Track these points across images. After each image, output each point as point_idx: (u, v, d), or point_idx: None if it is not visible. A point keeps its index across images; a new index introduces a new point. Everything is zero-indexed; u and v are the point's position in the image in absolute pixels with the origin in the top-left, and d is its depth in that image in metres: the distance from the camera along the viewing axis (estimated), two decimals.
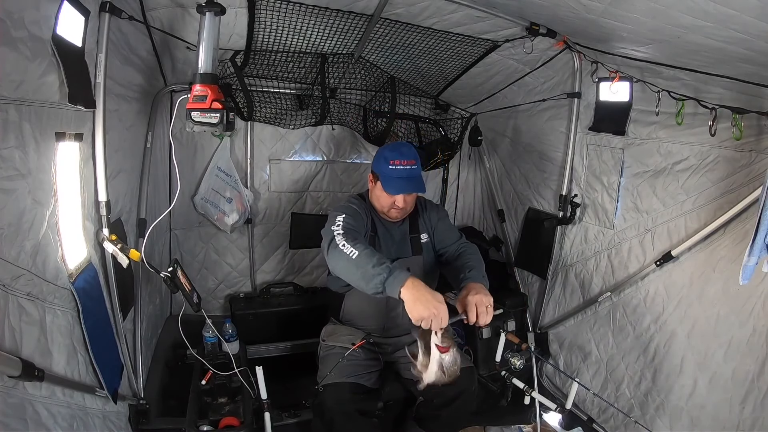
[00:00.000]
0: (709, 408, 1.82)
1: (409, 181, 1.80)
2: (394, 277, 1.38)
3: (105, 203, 1.56)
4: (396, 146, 1.86)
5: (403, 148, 1.84)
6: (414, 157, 1.82)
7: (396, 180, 1.78)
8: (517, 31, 2.01)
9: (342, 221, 1.69)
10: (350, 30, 2.02)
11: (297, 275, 3.00)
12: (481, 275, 1.72)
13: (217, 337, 2.23)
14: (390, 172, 1.78)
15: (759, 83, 1.58)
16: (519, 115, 2.68)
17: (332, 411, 1.70)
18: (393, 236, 1.93)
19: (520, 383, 2.08)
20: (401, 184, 1.78)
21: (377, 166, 1.85)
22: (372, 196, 1.91)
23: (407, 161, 1.79)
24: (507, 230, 2.96)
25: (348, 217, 1.74)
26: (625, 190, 2.16)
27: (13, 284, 1.08)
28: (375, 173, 1.86)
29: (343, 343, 1.89)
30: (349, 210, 1.81)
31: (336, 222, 1.69)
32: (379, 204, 1.87)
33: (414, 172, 1.81)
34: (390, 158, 1.78)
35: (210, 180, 2.61)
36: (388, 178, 1.78)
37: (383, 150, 1.87)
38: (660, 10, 1.28)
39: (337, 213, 1.75)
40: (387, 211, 1.86)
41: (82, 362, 1.39)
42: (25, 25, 1.08)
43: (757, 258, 1.42)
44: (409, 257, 1.93)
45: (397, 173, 1.78)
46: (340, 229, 1.64)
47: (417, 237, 1.96)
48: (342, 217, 1.71)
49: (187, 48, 1.96)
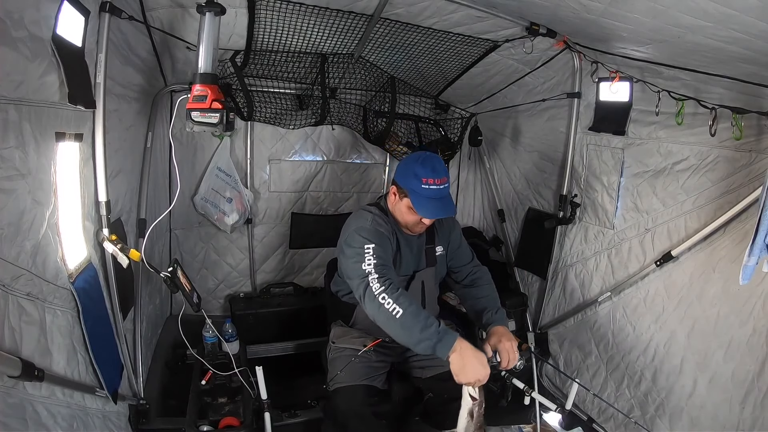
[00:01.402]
0: (709, 408, 1.82)
1: (443, 203, 1.67)
2: (443, 343, 1.44)
3: (105, 203, 1.56)
4: (428, 161, 1.68)
5: (436, 164, 1.68)
6: (445, 173, 1.68)
7: (429, 201, 1.64)
8: (517, 31, 2.01)
9: (373, 258, 1.57)
10: (350, 30, 2.02)
11: (297, 275, 3.00)
12: (503, 315, 1.78)
13: (217, 337, 2.23)
14: (422, 191, 1.64)
15: (759, 83, 1.58)
16: (519, 115, 2.68)
17: (346, 414, 1.69)
18: (411, 249, 1.85)
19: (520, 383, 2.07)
20: (436, 206, 1.66)
21: (405, 181, 1.68)
22: (394, 210, 1.78)
23: (440, 179, 1.64)
24: (507, 230, 2.96)
25: (377, 248, 1.61)
26: (625, 190, 2.16)
27: (13, 284, 1.08)
28: (402, 189, 1.70)
29: (354, 345, 1.86)
30: (376, 236, 1.66)
31: (366, 259, 1.57)
32: (404, 220, 1.75)
33: (446, 191, 1.68)
34: (422, 175, 1.63)
35: (210, 180, 2.61)
36: (421, 199, 1.64)
37: (412, 164, 1.68)
38: (660, 10, 1.28)
39: (365, 241, 1.62)
40: (411, 228, 1.76)
41: (82, 362, 1.39)
42: (25, 25, 1.08)
43: (757, 258, 1.41)
44: (425, 269, 1.88)
45: (430, 193, 1.64)
46: (374, 271, 1.54)
47: (432, 248, 1.89)
48: (372, 250, 1.59)
49: (187, 48, 1.96)
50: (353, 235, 1.67)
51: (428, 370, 1.88)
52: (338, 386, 1.74)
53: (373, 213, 1.77)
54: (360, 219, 1.75)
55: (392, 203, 1.78)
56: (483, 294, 1.87)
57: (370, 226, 1.70)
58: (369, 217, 1.74)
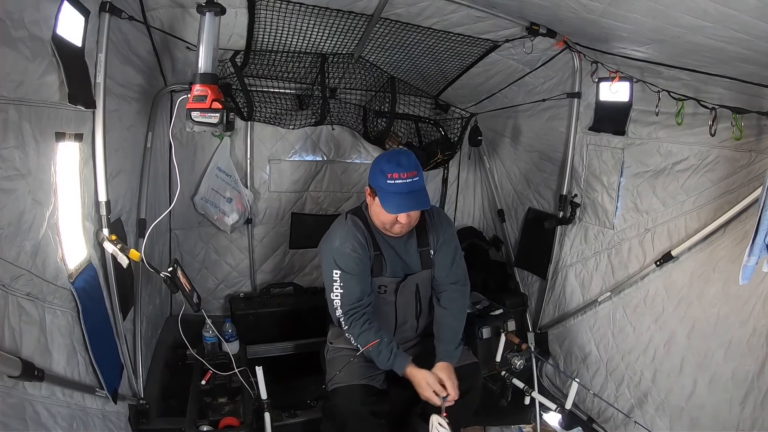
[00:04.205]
0: (709, 408, 1.82)
1: (411, 197, 1.62)
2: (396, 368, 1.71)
3: (105, 203, 1.56)
4: (393, 156, 1.67)
5: (402, 158, 1.65)
6: (415, 167, 1.65)
7: (395, 196, 1.61)
8: (517, 31, 2.01)
9: (340, 288, 1.69)
10: (350, 30, 2.02)
11: (297, 275, 3.00)
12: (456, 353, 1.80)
13: (217, 337, 2.23)
14: (388, 186, 1.61)
15: (759, 83, 1.58)
16: (519, 115, 2.68)
17: (345, 414, 1.69)
18: (398, 252, 1.81)
19: (520, 383, 2.08)
20: (402, 200, 1.62)
21: (374, 179, 1.67)
22: (371, 211, 1.76)
23: (407, 173, 1.61)
24: (507, 230, 2.96)
25: (344, 275, 1.69)
26: (625, 190, 2.16)
27: (12, 284, 1.08)
28: (372, 188, 1.69)
29: (352, 345, 1.84)
30: (343, 259, 1.70)
31: (334, 288, 1.70)
32: (379, 221, 1.72)
33: (416, 184, 1.64)
34: (387, 170, 1.61)
35: (210, 180, 2.61)
36: (387, 194, 1.62)
37: (379, 161, 1.68)
38: (660, 10, 1.28)
39: (333, 266, 1.70)
40: (390, 228, 1.72)
41: (82, 362, 1.39)
42: (25, 25, 1.08)
43: (757, 258, 1.41)
44: (420, 272, 1.84)
45: (396, 188, 1.61)
46: (339, 308, 1.71)
47: (427, 251, 1.84)
48: (339, 278, 1.69)
49: (187, 48, 1.96)
50: (323, 254, 1.76)
51: None
52: (337, 386, 1.74)
53: (347, 224, 1.77)
54: (331, 236, 1.78)
55: (369, 205, 1.77)
56: (447, 324, 1.85)
57: (339, 246, 1.73)
58: (339, 233, 1.75)
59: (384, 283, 1.81)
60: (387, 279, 1.81)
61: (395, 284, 1.82)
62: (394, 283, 1.82)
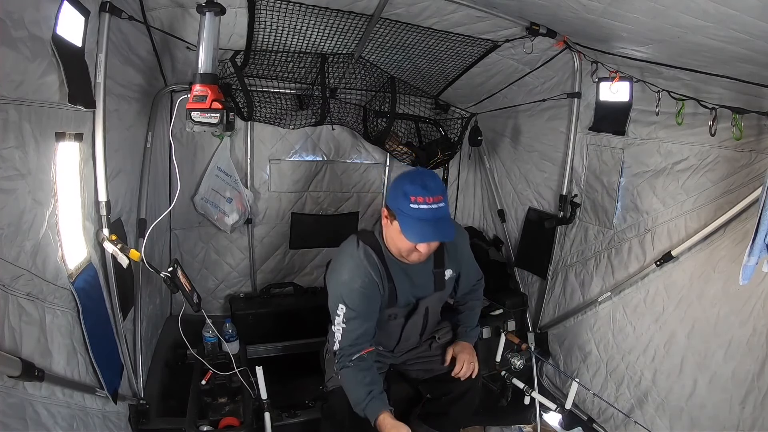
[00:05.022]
0: (709, 408, 1.82)
1: (435, 225, 1.46)
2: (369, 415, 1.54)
3: (105, 203, 1.56)
4: (417, 176, 1.51)
5: (427, 180, 1.48)
6: (441, 191, 1.49)
7: (418, 223, 1.45)
8: (517, 31, 2.01)
9: (343, 323, 1.57)
10: (350, 30, 2.02)
11: (297, 275, 3.00)
12: (474, 334, 1.89)
13: (217, 337, 2.23)
14: (411, 211, 1.45)
15: (759, 83, 1.58)
16: (519, 115, 2.68)
17: (343, 414, 1.69)
18: (411, 275, 1.68)
19: (520, 383, 2.08)
20: (425, 228, 1.45)
21: (394, 201, 1.50)
22: (386, 236, 1.60)
23: (433, 197, 1.45)
24: (507, 230, 2.96)
25: (350, 311, 1.56)
26: (625, 190, 2.16)
27: (12, 284, 1.08)
28: (391, 210, 1.52)
29: None
30: (351, 295, 1.57)
31: (336, 322, 1.59)
32: (396, 247, 1.57)
33: (441, 211, 1.47)
34: (411, 193, 1.45)
35: (210, 180, 2.61)
36: (409, 220, 1.45)
37: (401, 182, 1.50)
38: (660, 10, 1.28)
39: (339, 300, 1.57)
40: (406, 256, 1.57)
41: (82, 362, 1.39)
42: (25, 25, 1.08)
43: (757, 258, 1.42)
44: (431, 295, 1.74)
45: (419, 213, 1.44)
46: (338, 344, 1.60)
47: (441, 272, 1.73)
48: (343, 315, 1.57)
49: (187, 48, 1.96)
50: (330, 286, 1.64)
51: (427, 372, 1.89)
52: (335, 387, 1.73)
53: (358, 256, 1.61)
54: (340, 268, 1.63)
55: (384, 227, 1.61)
56: (466, 308, 1.91)
57: (347, 280, 1.59)
58: (349, 266, 1.60)
59: (394, 312, 1.72)
60: (398, 309, 1.72)
61: (406, 312, 1.75)
62: (405, 312, 1.74)
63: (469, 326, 1.91)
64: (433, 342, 1.88)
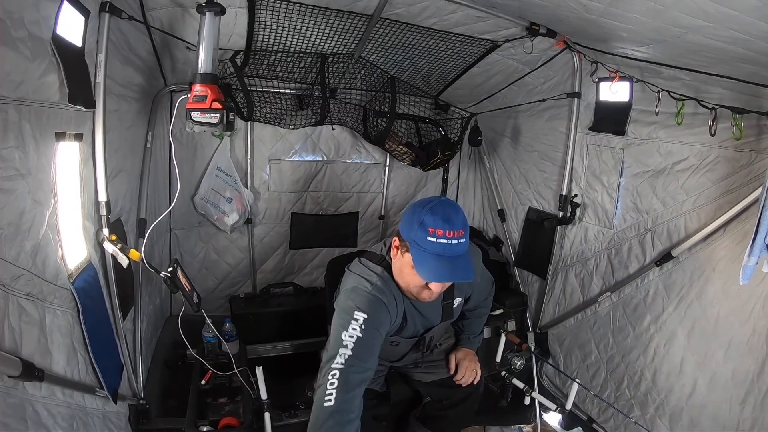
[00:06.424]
0: (709, 408, 1.82)
1: (453, 263, 1.30)
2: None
3: (105, 203, 1.56)
4: (438, 207, 1.32)
5: (450, 212, 1.31)
6: (463, 225, 1.31)
7: (434, 259, 1.29)
8: (517, 31, 2.01)
9: (358, 331, 1.31)
10: (350, 30, 2.02)
11: (297, 275, 3.00)
12: (477, 341, 1.90)
13: (217, 337, 2.23)
14: (427, 245, 1.29)
15: (759, 83, 1.58)
16: (519, 115, 2.68)
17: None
18: (421, 311, 1.58)
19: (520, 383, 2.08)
20: (441, 266, 1.29)
21: (408, 231, 1.33)
22: (395, 268, 1.44)
23: (454, 232, 1.28)
24: (507, 230, 2.96)
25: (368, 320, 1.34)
26: (625, 190, 2.16)
27: (13, 284, 1.08)
28: (404, 241, 1.35)
29: None
30: (367, 334, 1.33)
31: (351, 329, 1.31)
32: (405, 283, 1.41)
33: (460, 247, 1.31)
34: (430, 225, 1.28)
35: (210, 180, 2.61)
36: (424, 255, 1.30)
37: (419, 211, 1.33)
38: (660, 10, 1.28)
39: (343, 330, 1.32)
40: (416, 293, 1.41)
41: (82, 362, 1.39)
42: (25, 25, 1.08)
43: (757, 258, 1.42)
44: (438, 325, 1.68)
45: (437, 248, 1.28)
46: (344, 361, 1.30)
47: (450, 304, 1.63)
48: (350, 348, 1.30)
49: (187, 48, 1.96)
50: (341, 308, 1.39)
51: (428, 375, 1.89)
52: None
53: (378, 287, 1.42)
54: (357, 296, 1.40)
55: (393, 258, 1.44)
56: (473, 315, 1.90)
57: (371, 291, 1.39)
58: (368, 298, 1.39)
59: (398, 340, 1.65)
60: (403, 339, 1.65)
61: (411, 344, 1.70)
62: (410, 343, 1.69)
63: (473, 333, 1.90)
64: (435, 348, 1.87)
